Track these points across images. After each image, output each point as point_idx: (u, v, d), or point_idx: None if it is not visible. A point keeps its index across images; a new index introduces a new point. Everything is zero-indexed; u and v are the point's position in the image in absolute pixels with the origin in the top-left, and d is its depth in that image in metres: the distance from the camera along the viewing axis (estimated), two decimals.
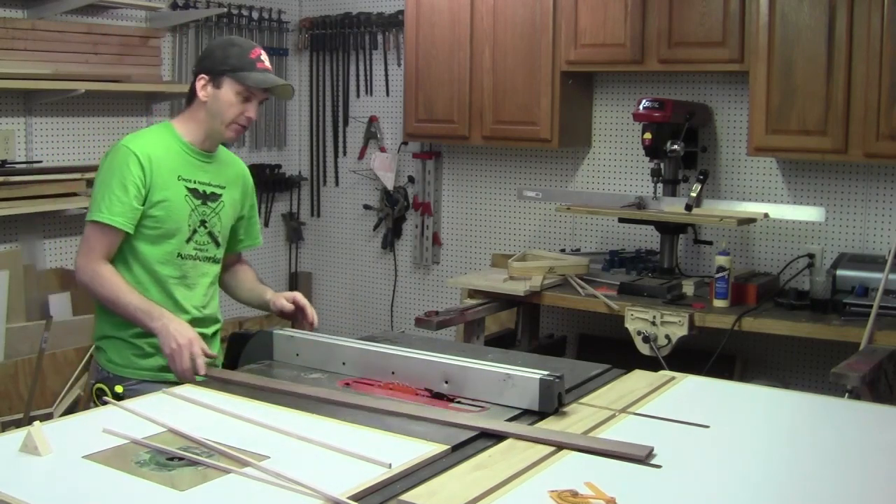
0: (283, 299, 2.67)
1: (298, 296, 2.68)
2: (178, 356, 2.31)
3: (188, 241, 2.54)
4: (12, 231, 4.20)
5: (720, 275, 3.72)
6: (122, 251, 2.49)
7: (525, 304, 4.25)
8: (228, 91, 2.48)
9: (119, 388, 2.33)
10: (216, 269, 2.66)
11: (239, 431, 1.87)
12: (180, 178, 2.51)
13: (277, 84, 2.51)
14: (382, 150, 5.35)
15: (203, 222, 2.56)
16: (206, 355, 2.34)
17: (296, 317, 2.67)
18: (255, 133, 5.36)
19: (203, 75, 2.50)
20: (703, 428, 1.94)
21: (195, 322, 2.55)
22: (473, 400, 2.11)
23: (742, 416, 2.08)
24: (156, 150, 2.49)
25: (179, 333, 2.33)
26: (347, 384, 2.25)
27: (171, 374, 2.41)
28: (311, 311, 2.66)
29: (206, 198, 2.57)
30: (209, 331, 2.65)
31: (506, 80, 4.50)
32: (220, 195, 2.61)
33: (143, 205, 2.45)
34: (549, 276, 4.09)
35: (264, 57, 2.52)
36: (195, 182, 2.54)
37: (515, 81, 4.47)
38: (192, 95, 2.54)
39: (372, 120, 5.37)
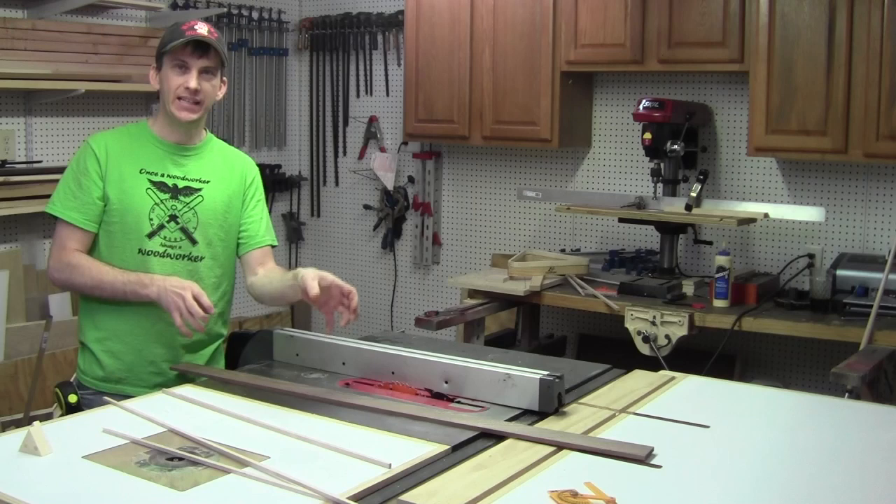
0: (309, 278, 2.26)
1: (326, 275, 2.29)
2: (183, 308, 2.21)
3: (151, 236, 2.43)
4: (12, 231, 4.20)
5: (720, 275, 3.72)
6: (91, 253, 2.46)
7: (525, 304, 4.25)
8: (167, 68, 2.43)
9: (73, 398, 2.30)
10: (201, 268, 2.49)
11: (239, 431, 1.87)
12: (143, 171, 2.44)
13: (194, 38, 2.37)
14: (382, 150, 5.35)
15: (173, 217, 2.45)
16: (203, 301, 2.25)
17: (326, 302, 2.32)
18: (255, 133, 5.36)
19: (152, 68, 2.49)
20: (703, 428, 1.95)
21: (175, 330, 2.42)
22: (473, 400, 2.11)
23: (742, 416, 2.08)
24: (118, 144, 2.45)
25: (176, 286, 2.25)
26: (347, 384, 2.25)
27: (125, 387, 2.40)
28: (350, 289, 2.29)
29: (176, 192, 2.46)
30: (187, 340, 2.45)
31: (506, 80, 4.50)
32: (199, 189, 2.49)
33: (103, 200, 2.41)
34: (549, 276, 4.09)
35: (199, 26, 2.40)
36: (163, 175, 2.46)
37: (515, 81, 4.47)
38: (156, 94, 2.53)
39: (372, 120, 5.37)
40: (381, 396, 2.15)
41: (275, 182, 5.47)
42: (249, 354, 2.47)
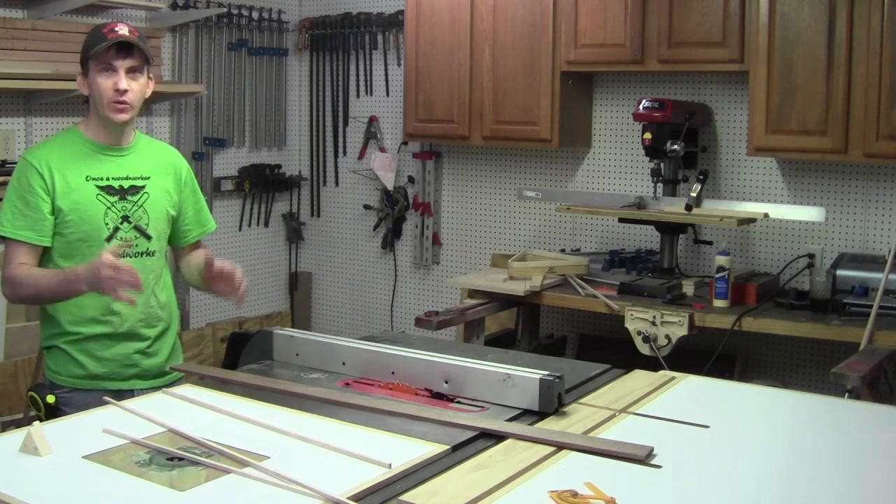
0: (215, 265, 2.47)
1: (226, 265, 2.49)
2: (109, 282, 2.24)
3: (109, 240, 2.48)
4: None
5: (720, 275, 3.72)
6: (43, 262, 2.47)
7: (525, 304, 4.25)
8: (94, 73, 2.45)
9: (51, 399, 2.33)
10: (153, 262, 2.59)
11: (239, 431, 1.87)
12: (89, 178, 2.48)
13: (118, 40, 2.40)
14: (382, 150, 5.35)
15: (125, 218, 2.51)
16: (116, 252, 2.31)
17: (218, 286, 2.52)
18: (255, 133, 5.36)
19: (79, 74, 2.51)
20: (703, 428, 1.94)
21: (136, 322, 2.54)
22: (473, 400, 2.11)
23: (742, 416, 2.08)
24: (57, 156, 2.47)
25: (97, 275, 2.26)
26: (347, 384, 2.25)
27: (102, 382, 2.45)
28: (237, 275, 2.46)
29: (123, 192, 2.52)
30: (153, 332, 2.59)
31: (506, 80, 4.50)
32: (143, 187, 2.55)
33: (54, 214, 2.44)
34: (549, 276, 4.09)
35: (119, 27, 2.44)
36: (108, 179, 2.50)
37: (515, 81, 4.47)
38: (86, 98, 2.54)
39: (372, 120, 5.37)
40: (381, 396, 2.15)
41: (275, 182, 5.47)
42: (249, 354, 2.47)
